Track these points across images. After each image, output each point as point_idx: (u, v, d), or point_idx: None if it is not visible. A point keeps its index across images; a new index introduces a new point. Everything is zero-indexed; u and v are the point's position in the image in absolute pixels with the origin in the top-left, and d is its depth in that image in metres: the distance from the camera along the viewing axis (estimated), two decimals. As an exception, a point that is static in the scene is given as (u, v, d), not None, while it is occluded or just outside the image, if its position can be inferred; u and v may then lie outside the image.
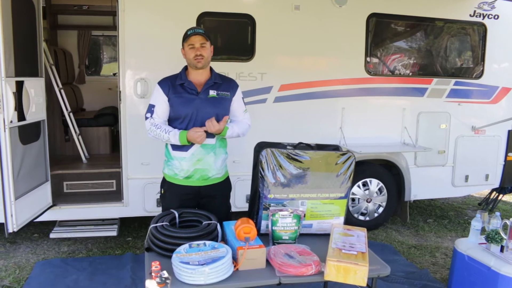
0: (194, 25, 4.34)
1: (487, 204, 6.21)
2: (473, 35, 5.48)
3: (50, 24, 6.71)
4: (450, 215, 6.17)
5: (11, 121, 3.59)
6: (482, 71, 5.46)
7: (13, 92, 3.59)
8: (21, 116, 3.75)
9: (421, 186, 5.37)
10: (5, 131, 3.51)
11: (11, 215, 3.65)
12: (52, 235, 4.47)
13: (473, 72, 5.51)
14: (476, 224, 3.63)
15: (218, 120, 2.80)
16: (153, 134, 2.88)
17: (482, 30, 5.40)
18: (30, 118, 3.90)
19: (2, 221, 3.68)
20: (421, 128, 5.29)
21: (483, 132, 5.54)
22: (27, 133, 3.92)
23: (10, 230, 3.67)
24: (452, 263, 3.79)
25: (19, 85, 3.71)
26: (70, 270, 4.12)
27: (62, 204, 4.51)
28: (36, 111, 4.02)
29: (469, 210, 6.48)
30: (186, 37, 2.85)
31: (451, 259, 3.91)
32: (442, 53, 5.47)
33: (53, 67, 5.39)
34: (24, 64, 3.87)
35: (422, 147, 5.21)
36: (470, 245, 3.61)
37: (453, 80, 5.36)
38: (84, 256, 4.49)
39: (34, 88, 3.97)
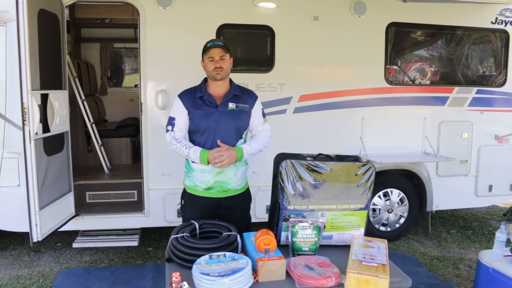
0: (214, 37, 4.39)
1: (512, 215, 6.08)
2: (495, 42, 5.41)
3: (74, 37, 6.87)
4: (473, 225, 6.05)
5: (36, 133, 3.67)
6: (505, 79, 5.38)
7: (38, 105, 3.67)
8: (45, 128, 3.83)
9: (443, 196, 5.30)
10: (30, 142, 3.59)
11: (36, 225, 3.72)
12: (75, 245, 4.54)
13: (495, 80, 5.43)
14: (500, 235, 3.55)
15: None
16: (173, 147, 2.90)
17: (504, 37, 5.33)
18: (54, 129, 3.99)
19: (27, 230, 3.75)
20: (443, 138, 5.23)
21: (507, 141, 5.44)
22: (51, 145, 4.00)
23: (35, 240, 3.74)
24: (476, 276, 3.71)
25: (44, 98, 3.80)
26: (92, 280, 4.18)
27: (84, 214, 4.58)
28: (60, 123, 4.11)
29: (493, 220, 6.34)
30: (205, 49, 2.89)
31: (475, 272, 3.83)
32: (463, 61, 5.41)
33: (77, 80, 5.51)
34: (49, 77, 3.96)
35: (443, 156, 5.14)
36: (494, 257, 3.53)
37: (475, 89, 5.29)
38: (106, 265, 4.54)
39: (58, 100, 4.06)
